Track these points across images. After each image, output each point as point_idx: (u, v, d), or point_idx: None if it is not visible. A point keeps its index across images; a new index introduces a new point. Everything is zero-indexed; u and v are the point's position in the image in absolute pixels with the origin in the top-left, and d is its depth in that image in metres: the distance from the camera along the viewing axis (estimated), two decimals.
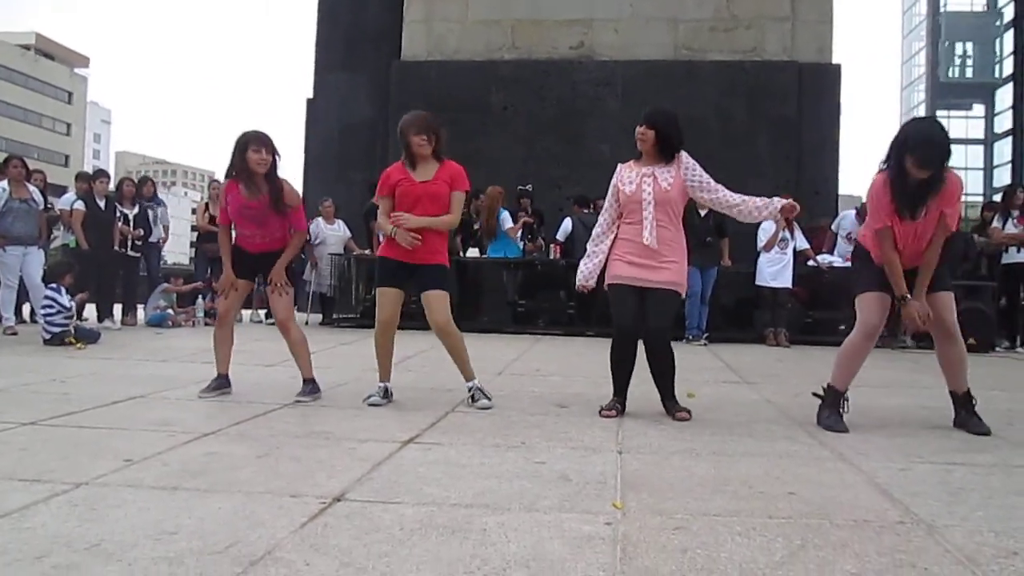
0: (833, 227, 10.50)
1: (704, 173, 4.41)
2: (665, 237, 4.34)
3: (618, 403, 4.40)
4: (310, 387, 4.68)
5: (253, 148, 4.51)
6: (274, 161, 4.59)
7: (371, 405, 4.43)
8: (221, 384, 4.71)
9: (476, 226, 10.39)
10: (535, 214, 10.98)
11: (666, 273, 4.32)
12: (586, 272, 4.50)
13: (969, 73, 38.23)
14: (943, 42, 36.98)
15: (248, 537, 2.23)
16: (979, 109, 37.46)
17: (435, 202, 4.44)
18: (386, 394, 4.55)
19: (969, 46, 38.25)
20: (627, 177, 4.44)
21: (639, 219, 4.33)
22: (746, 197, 4.39)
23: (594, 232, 4.56)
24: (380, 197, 4.59)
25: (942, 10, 39.25)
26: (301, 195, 5.11)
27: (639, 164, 4.45)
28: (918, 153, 3.80)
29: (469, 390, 4.55)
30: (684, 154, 4.42)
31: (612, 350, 4.45)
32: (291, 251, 4.77)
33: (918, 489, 2.88)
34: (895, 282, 4.02)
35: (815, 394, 4.26)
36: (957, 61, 38.03)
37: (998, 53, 36.19)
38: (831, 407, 4.13)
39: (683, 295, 4.52)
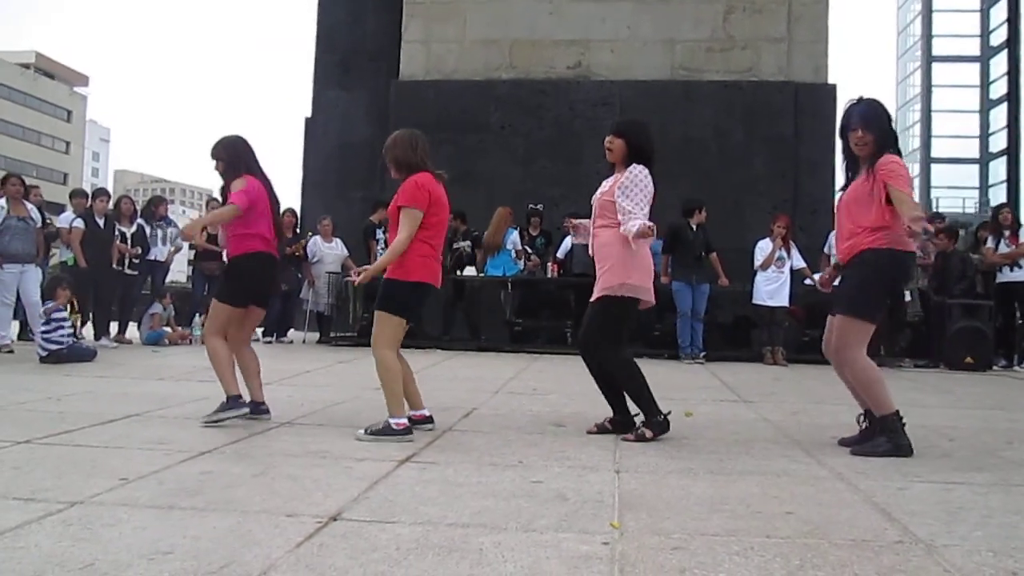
0: (825, 249, 10.52)
1: (627, 198, 4.07)
2: (599, 240, 4.27)
3: (608, 421, 4.34)
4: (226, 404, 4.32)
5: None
6: (228, 165, 4.47)
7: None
8: (258, 409, 4.46)
9: (463, 243, 10.48)
10: (543, 233, 11.03)
11: (598, 284, 4.23)
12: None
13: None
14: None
15: (243, 557, 2.21)
16: None
17: (395, 225, 4.14)
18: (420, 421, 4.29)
19: None
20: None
21: None
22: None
23: None
24: None
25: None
26: (299, 211, 5.10)
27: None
28: None
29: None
30: (635, 169, 4.14)
31: None
32: (210, 216, 4.32)
33: (916, 508, 2.87)
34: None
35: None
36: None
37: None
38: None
39: (615, 295, 4.14)
